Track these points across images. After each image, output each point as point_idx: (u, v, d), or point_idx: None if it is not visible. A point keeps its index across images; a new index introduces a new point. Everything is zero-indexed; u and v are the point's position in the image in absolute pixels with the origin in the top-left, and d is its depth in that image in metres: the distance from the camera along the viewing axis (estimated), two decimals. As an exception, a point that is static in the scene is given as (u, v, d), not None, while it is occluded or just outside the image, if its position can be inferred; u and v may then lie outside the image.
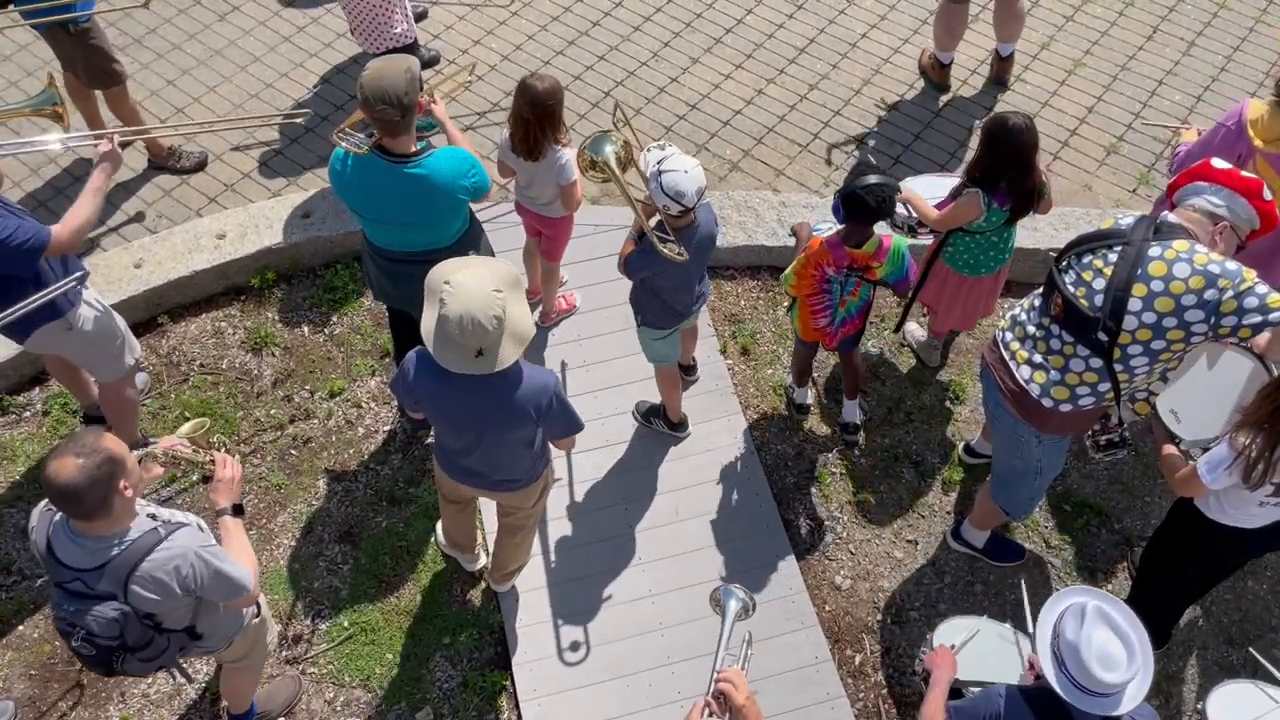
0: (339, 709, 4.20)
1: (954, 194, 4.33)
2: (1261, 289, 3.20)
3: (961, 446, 4.84)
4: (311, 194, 5.57)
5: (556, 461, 4.59)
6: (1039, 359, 3.58)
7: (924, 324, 5.16)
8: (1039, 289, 3.66)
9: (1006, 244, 4.49)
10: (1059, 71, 6.28)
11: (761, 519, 4.62)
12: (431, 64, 6.10)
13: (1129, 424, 3.87)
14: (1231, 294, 3.19)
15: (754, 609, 3.04)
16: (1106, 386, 3.47)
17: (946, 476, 4.79)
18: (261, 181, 5.69)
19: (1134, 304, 3.29)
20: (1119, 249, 3.36)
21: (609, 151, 4.08)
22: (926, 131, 5.96)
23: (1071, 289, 3.43)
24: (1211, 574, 3.95)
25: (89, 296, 4.16)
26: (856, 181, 4.07)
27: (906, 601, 4.47)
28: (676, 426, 4.82)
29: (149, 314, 5.24)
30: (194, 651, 3.40)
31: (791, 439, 4.91)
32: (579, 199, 4.50)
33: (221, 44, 6.32)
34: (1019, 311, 3.73)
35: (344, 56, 6.23)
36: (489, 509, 4.46)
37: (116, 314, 4.33)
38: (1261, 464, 3.17)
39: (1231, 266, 3.23)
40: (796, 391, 4.92)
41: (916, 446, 4.89)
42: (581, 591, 4.43)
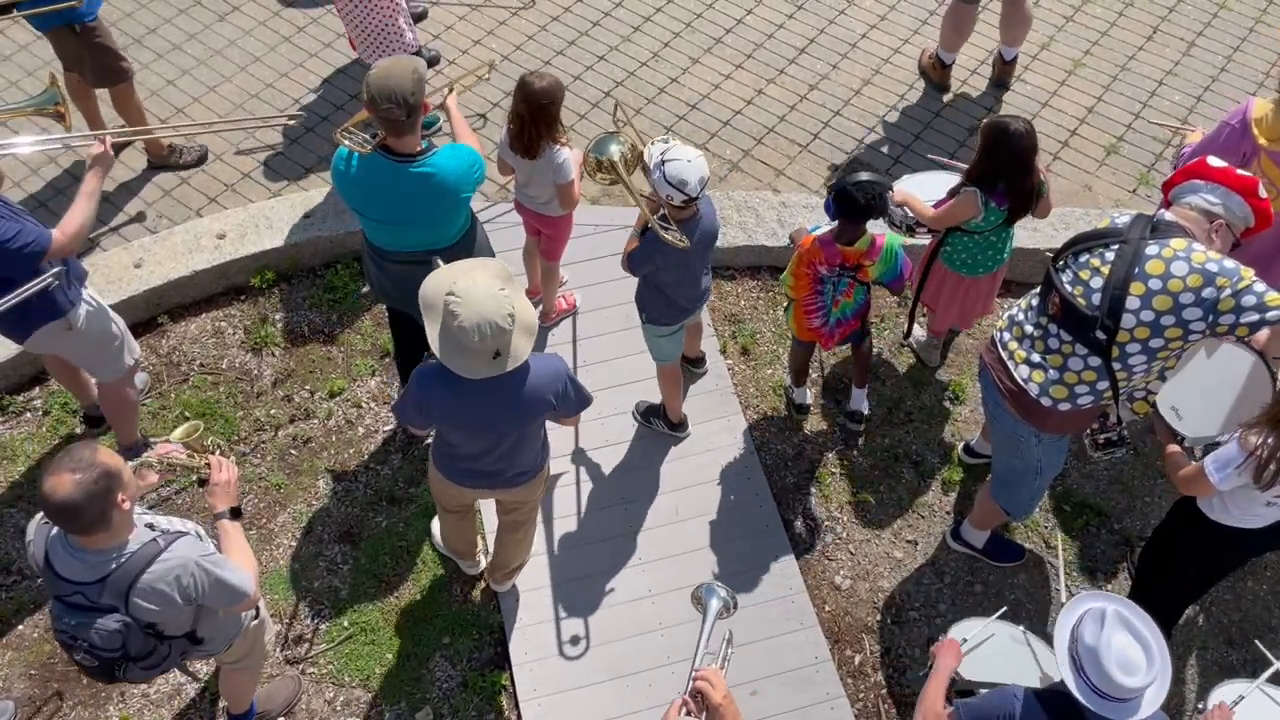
0: (339, 709, 4.20)
1: (952, 193, 4.33)
2: (1259, 287, 3.21)
3: (961, 446, 4.84)
4: (312, 194, 5.57)
5: (556, 461, 4.59)
6: (1037, 358, 3.58)
7: (923, 323, 5.16)
8: (1036, 288, 3.66)
9: (1004, 245, 4.49)
10: (1059, 72, 6.28)
11: (761, 519, 4.62)
12: (432, 64, 6.10)
13: (1127, 423, 3.86)
14: (1229, 292, 3.19)
15: (735, 608, 3.02)
16: (1105, 385, 3.47)
17: (946, 477, 4.79)
18: (261, 181, 5.69)
19: (1132, 302, 3.29)
20: (1116, 247, 3.36)
21: (614, 150, 4.08)
22: (926, 131, 5.96)
23: (1069, 288, 3.43)
24: (1211, 574, 3.94)
25: (88, 296, 4.16)
26: (848, 178, 4.09)
27: (906, 602, 4.47)
28: (676, 427, 4.82)
29: (149, 314, 5.24)
30: (195, 655, 3.41)
31: (791, 439, 4.91)
32: (576, 198, 4.50)
33: (221, 44, 6.32)
34: (1017, 311, 3.73)
35: (344, 57, 6.24)
36: (489, 509, 4.47)
37: (116, 314, 4.34)
38: (1274, 464, 3.17)
39: (1229, 265, 3.23)
40: (795, 391, 4.92)
41: (916, 446, 4.89)
42: (581, 591, 4.42)
